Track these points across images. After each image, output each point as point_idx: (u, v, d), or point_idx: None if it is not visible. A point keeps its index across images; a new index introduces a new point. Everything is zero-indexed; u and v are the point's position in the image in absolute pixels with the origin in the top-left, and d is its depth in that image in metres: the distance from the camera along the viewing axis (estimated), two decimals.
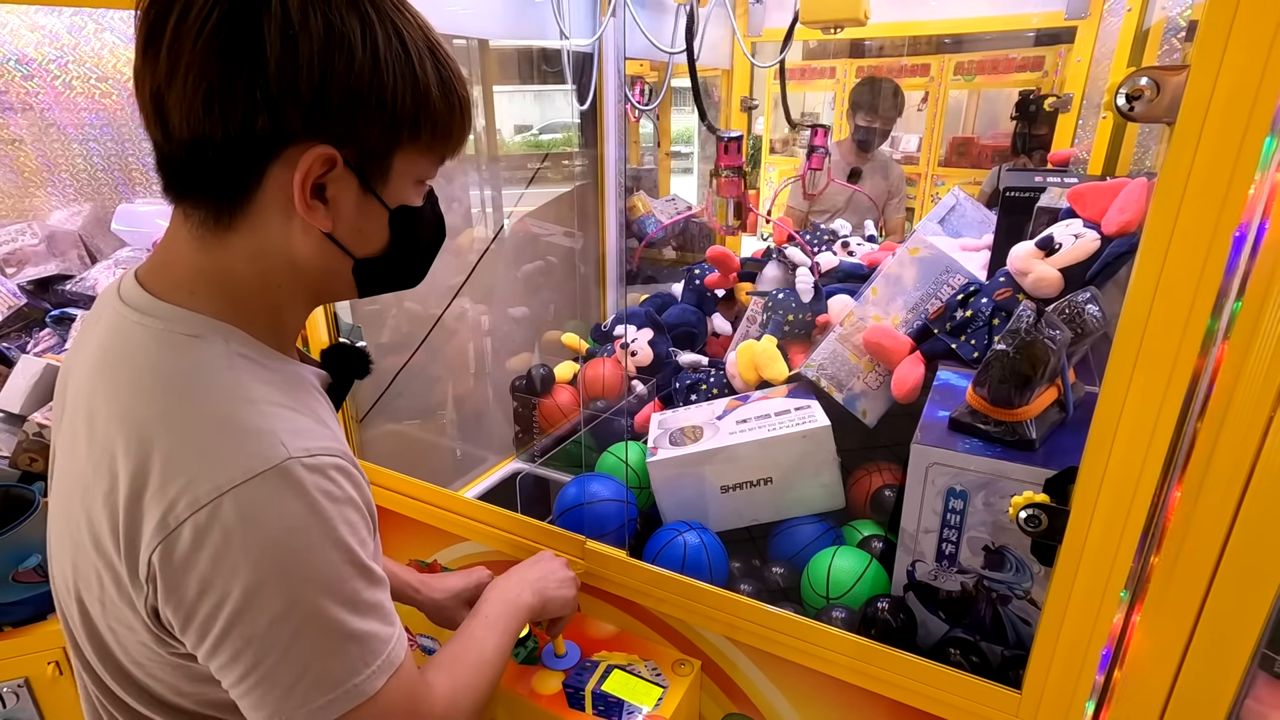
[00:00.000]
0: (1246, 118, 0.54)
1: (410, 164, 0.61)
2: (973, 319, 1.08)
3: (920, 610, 0.97)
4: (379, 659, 0.58)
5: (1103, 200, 1.00)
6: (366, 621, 0.57)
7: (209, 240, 0.58)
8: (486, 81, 1.88)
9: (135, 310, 0.59)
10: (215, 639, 0.53)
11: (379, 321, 1.68)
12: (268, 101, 0.52)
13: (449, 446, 1.87)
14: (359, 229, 0.61)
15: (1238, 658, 0.63)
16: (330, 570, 0.55)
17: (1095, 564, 0.71)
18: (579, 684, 1.01)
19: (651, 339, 1.63)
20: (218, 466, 0.52)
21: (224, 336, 0.58)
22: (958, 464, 0.89)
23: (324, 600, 0.54)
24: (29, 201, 1.59)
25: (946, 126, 4.41)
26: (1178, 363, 0.61)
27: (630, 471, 1.30)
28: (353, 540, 0.57)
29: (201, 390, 0.55)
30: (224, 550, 0.51)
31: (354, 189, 0.58)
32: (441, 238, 0.71)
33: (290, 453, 0.54)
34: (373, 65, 0.54)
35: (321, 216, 0.58)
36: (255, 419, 0.55)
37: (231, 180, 0.56)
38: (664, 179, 2.92)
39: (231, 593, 0.51)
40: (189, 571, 0.51)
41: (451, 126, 0.62)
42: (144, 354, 0.57)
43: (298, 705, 0.54)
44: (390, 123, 0.57)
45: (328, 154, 0.55)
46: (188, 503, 0.51)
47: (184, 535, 0.51)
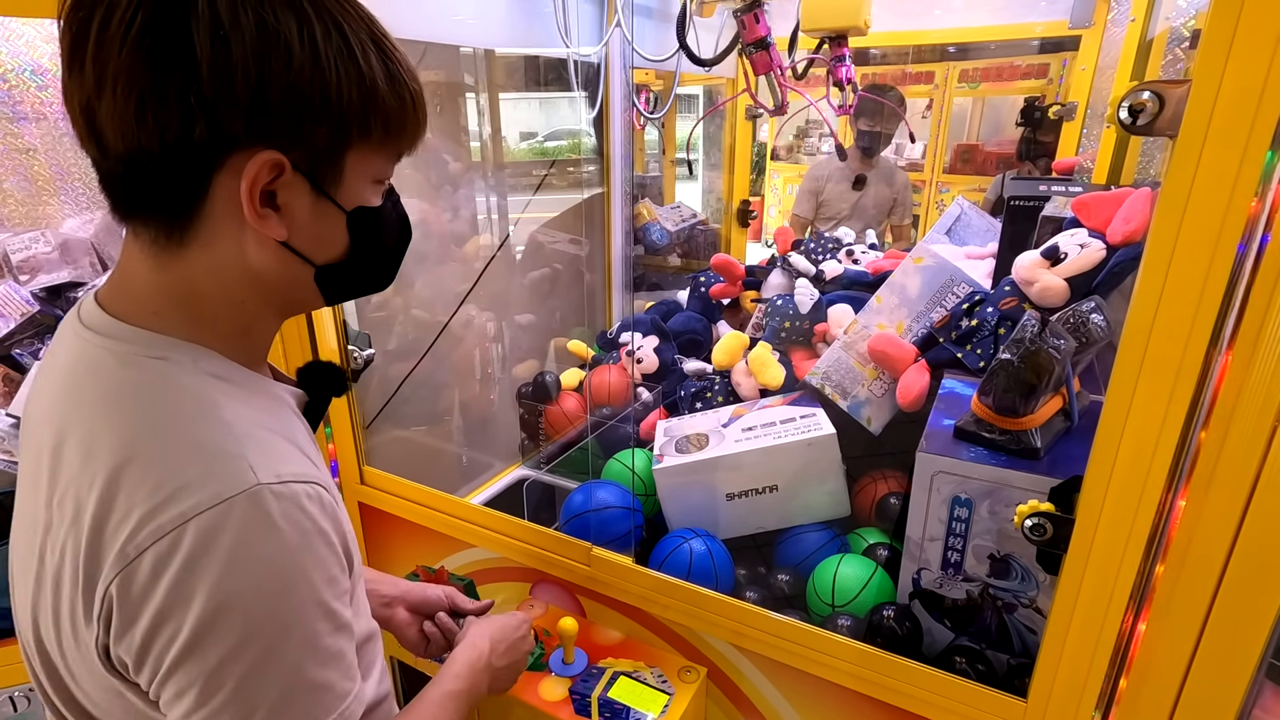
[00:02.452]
0: (1248, 130, 0.54)
1: (364, 163, 0.58)
2: (978, 328, 1.09)
3: (926, 618, 0.97)
4: (331, 714, 0.54)
5: (1107, 210, 1.00)
6: (325, 670, 0.54)
7: (164, 258, 0.55)
8: (492, 88, 1.90)
9: (97, 334, 0.56)
10: (166, 670, 0.50)
11: (386, 328, 1.69)
12: (203, 108, 0.49)
13: (455, 453, 1.87)
14: (316, 235, 0.58)
15: (1244, 666, 0.64)
16: (292, 608, 0.52)
17: (1100, 572, 0.71)
18: (585, 691, 1.02)
19: (657, 346, 1.63)
20: (183, 493, 0.49)
21: (192, 357, 0.56)
22: (963, 472, 0.90)
23: (282, 640, 0.51)
24: (42, 210, 1.60)
25: (951, 133, 4.42)
26: (1182, 371, 0.61)
27: (636, 478, 1.30)
28: (319, 577, 0.53)
29: (168, 414, 0.53)
30: (183, 578, 0.48)
31: (306, 194, 0.55)
32: (407, 237, 0.67)
33: (259, 478, 0.51)
34: (313, 62, 0.51)
35: (275, 225, 0.55)
36: (225, 442, 0.52)
37: (176, 194, 0.53)
38: (669, 186, 2.93)
39: (186, 623, 0.48)
40: (145, 603, 0.48)
41: (404, 121, 0.59)
42: (108, 379, 0.54)
43: None
44: (338, 122, 0.54)
45: (274, 159, 0.52)
46: (150, 531, 0.48)
47: (144, 565, 0.48)
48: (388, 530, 1.38)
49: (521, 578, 1.25)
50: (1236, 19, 0.52)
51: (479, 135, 1.97)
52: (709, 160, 3.28)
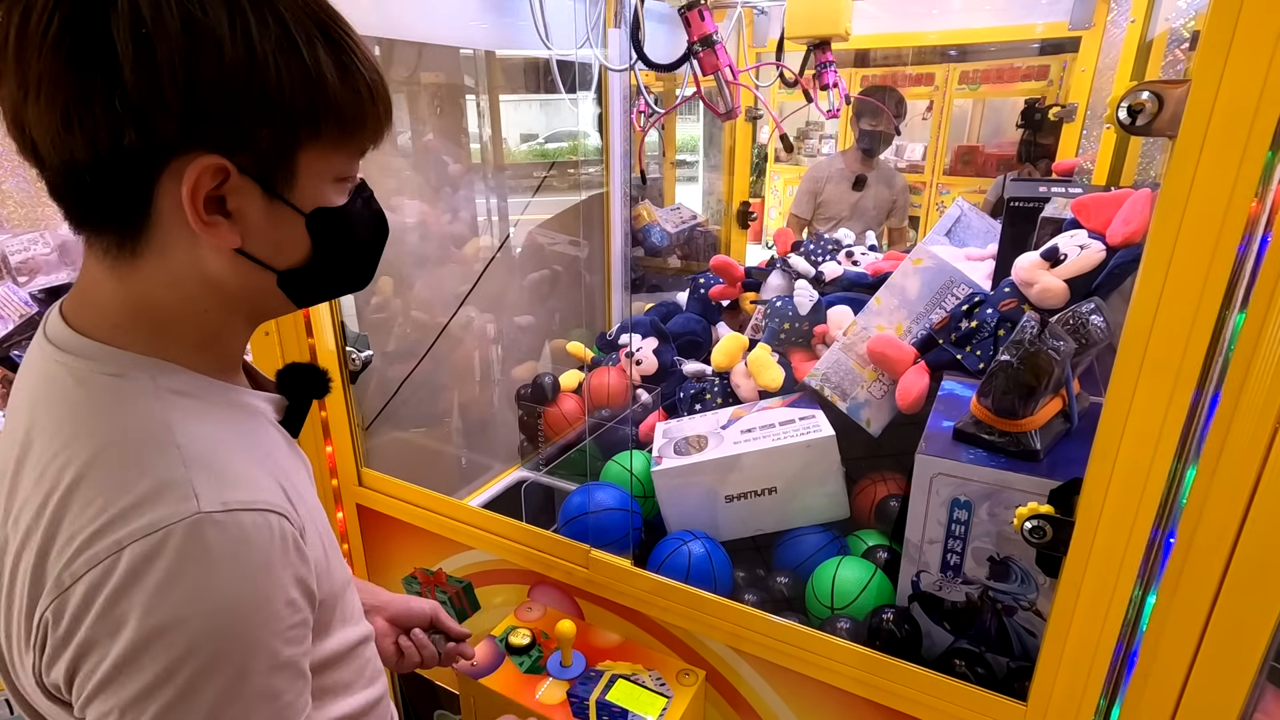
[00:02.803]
0: (1248, 131, 0.54)
1: (320, 162, 0.54)
2: (978, 329, 1.08)
3: (925, 621, 0.96)
4: None
5: (1107, 211, 1.00)
6: (250, 712, 0.50)
7: (121, 269, 0.53)
8: (493, 90, 1.90)
9: (58, 349, 0.54)
10: (87, 696, 0.48)
11: (385, 330, 1.69)
12: (130, 113, 0.46)
13: (454, 455, 1.87)
14: (273, 240, 0.54)
15: (1246, 668, 0.63)
16: (220, 646, 0.48)
17: (1100, 575, 0.71)
18: (584, 694, 1.01)
19: (656, 348, 1.63)
20: (121, 519, 0.47)
21: (150, 374, 0.53)
22: (962, 474, 0.89)
23: (205, 678, 0.48)
24: (41, 211, 1.60)
25: (951, 135, 4.42)
26: (1182, 373, 0.61)
27: (635, 480, 1.30)
28: (256, 614, 0.50)
29: (118, 437, 0.51)
30: (109, 609, 0.46)
31: (258, 198, 0.52)
32: (383, 235, 0.64)
33: (201, 507, 0.48)
34: (248, 58, 0.48)
35: (225, 232, 0.52)
36: (172, 467, 0.50)
37: (120, 204, 0.50)
38: (669, 188, 2.93)
39: (111, 652, 0.46)
40: (75, 631, 0.47)
41: (362, 116, 0.54)
42: (64, 397, 0.53)
43: None
44: (283, 121, 0.50)
45: (214, 164, 0.49)
46: (86, 559, 0.47)
47: (76, 592, 0.47)
48: (386, 532, 1.38)
49: (520, 580, 1.24)
50: (1236, 19, 0.52)
51: (479, 137, 1.97)
52: (709, 162, 3.28)
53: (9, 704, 1.18)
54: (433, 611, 0.93)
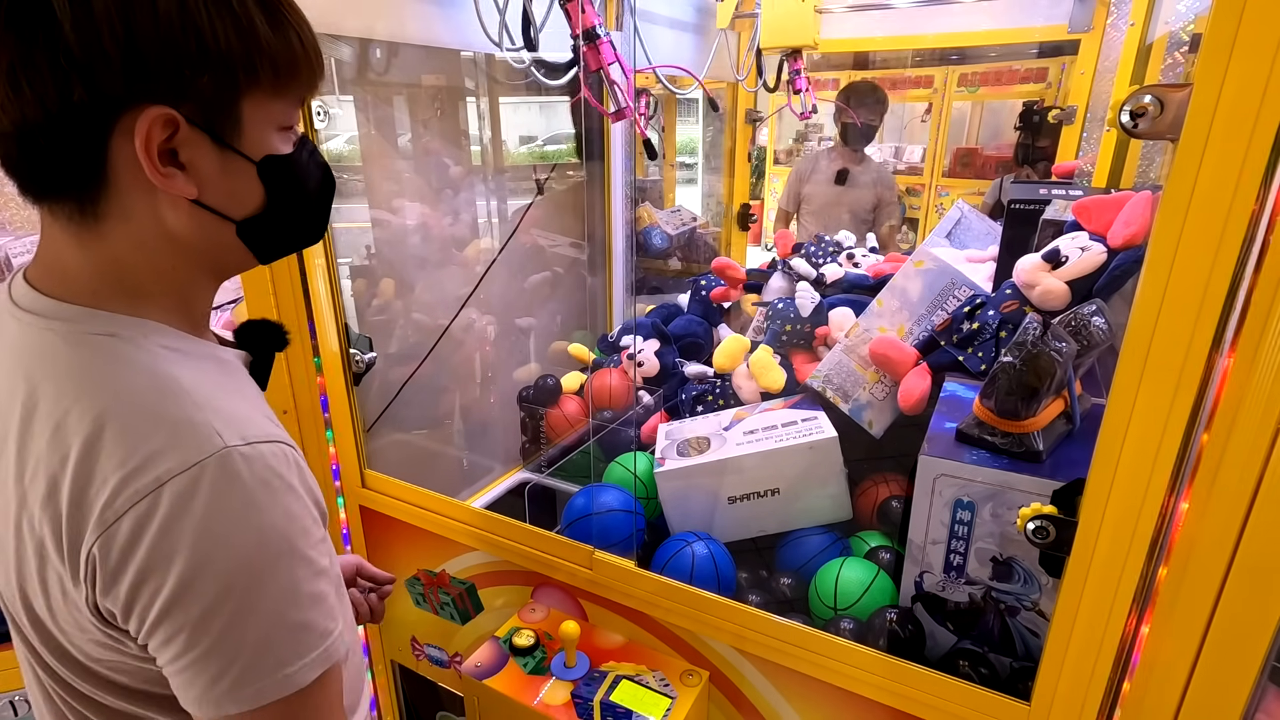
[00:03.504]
0: (1249, 134, 0.54)
1: (262, 110, 0.57)
2: (979, 331, 1.09)
3: (928, 621, 0.97)
4: (314, 651, 0.57)
5: (1108, 213, 1.00)
6: (304, 613, 0.56)
7: (85, 236, 0.56)
8: (493, 92, 1.90)
9: (39, 316, 0.57)
10: (151, 623, 0.53)
11: (387, 332, 1.69)
12: (75, 68, 0.48)
13: (456, 456, 1.87)
14: (228, 189, 0.57)
15: (1247, 670, 0.64)
16: (267, 559, 0.54)
17: (1103, 576, 0.71)
18: (587, 695, 1.02)
19: (658, 350, 1.64)
20: (156, 459, 0.51)
21: (141, 332, 0.57)
22: (965, 475, 0.90)
23: (259, 590, 0.54)
24: None
25: (950, 137, 4.43)
26: (1184, 374, 0.61)
27: (638, 482, 1.30)
28: (292, 529, 0.56)
29: (128, 389, 0.54)
30: (161, 540, 0.51)
31: (209, 148, 0.55)
32: (330, 187, 0.67)
33: (226, 442, 0.53)
34: (180, 10, 0.50)
35: (182, 183, 0.54)
36: (188, 410, 0.54)
37: (76, 166, 0.53)
38: (669, 190, 2.94)
39: (167, 581, 0.51)
40: (128, 562, 0.51)
41: (295, 63, 0.57)
42: (63, 360, 0.55)
43: (225, 692, 0.54)
44: (221, 68, 0.53)
45: (163, 115, 0.51)
46: (128, 496, 0.51)
47: (123, 527, 0.51)
48: (389, 534, 1.38)
49: (523, 581, 1.25)
50: (1238, 22, 0.52)
51: (479, 139, 1.98)
52: (709, 164, 3.29)
53: (13, 706, 1.18)
54: (356, 563, 1.00)
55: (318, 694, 0.57)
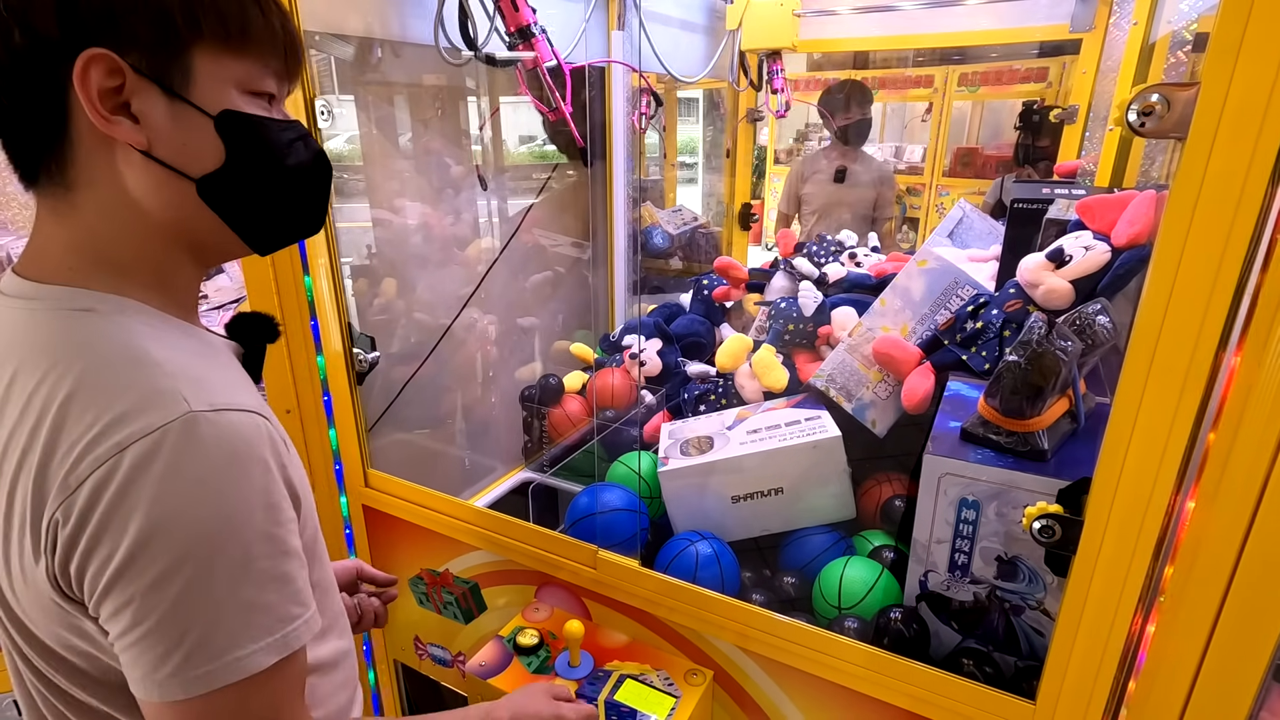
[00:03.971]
0: (1257, 133, 0.54)
1: (218, 66, 0.57)
2: (983, 330, 1.09)
3: (933, 620, 0.97)
4: (270, 636, 0.54)
5: (1111, 212, 1.01)
6: (263, 593, 0.54)
7: (61, 209, 0.57)
8: (493, 92, 1.90)
9: (20, 298, 0.57)
10: (102, 590, 0.51)
11: (389, 331, 1.69)
12: (10, 12, 0.51)
13: (458, 456, 1.87)
14: (181, 142, 0.57)
15: (1254, 669, 0.64)
16: (228, 531, 0.52)
17: (1109, 575, 0.71)
18: (592, 694, 1.02)
19: (660, 349, 1.64)
20: (119, 423, 0.51)
21: (118, 308, 0.57)
22: (970, 474, 0.90)
23: (215, 562, 0.52)
24: None
25: (951, 137, 4.43)
26: (1191, 373, 0.61)
27: (641, 481, 1.30)
28: (256, 502, 0.54)
29: (101, 359, 0.54)
30: (117, 503, 0.50)
31: (159, 98, 0.55)
32: (323, 171, 0.66)
33: (192, 406, 0.52)
34: None
35: (128, 130, 0.54)
36: (157, 379, 0.53)
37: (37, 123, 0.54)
38: (670, 190, 2.94)
39: (121, 544, 0.50)
40: (84, 527, 0.50)
41: (246, 21, 0.57)
42: (37, 333, 0.56)
43: (172, 672, 0.51)
44: (157, 15, 0.53)
45: (100, 55, 0.52)
46: (89, 461, 0.50)
47: (83, 492, 0.50)
48: (392, 533, 1.38)
49: (526, 580, 1.25)
50: (1246, 21, 0.52)
51: (480, 139, 1.98)
52: (709, 164, 3.29)
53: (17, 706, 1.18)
54: (356, 567, 0.99)
55: (273, 682, 0.55)
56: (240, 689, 0.53)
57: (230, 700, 0.53)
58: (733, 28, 2.14)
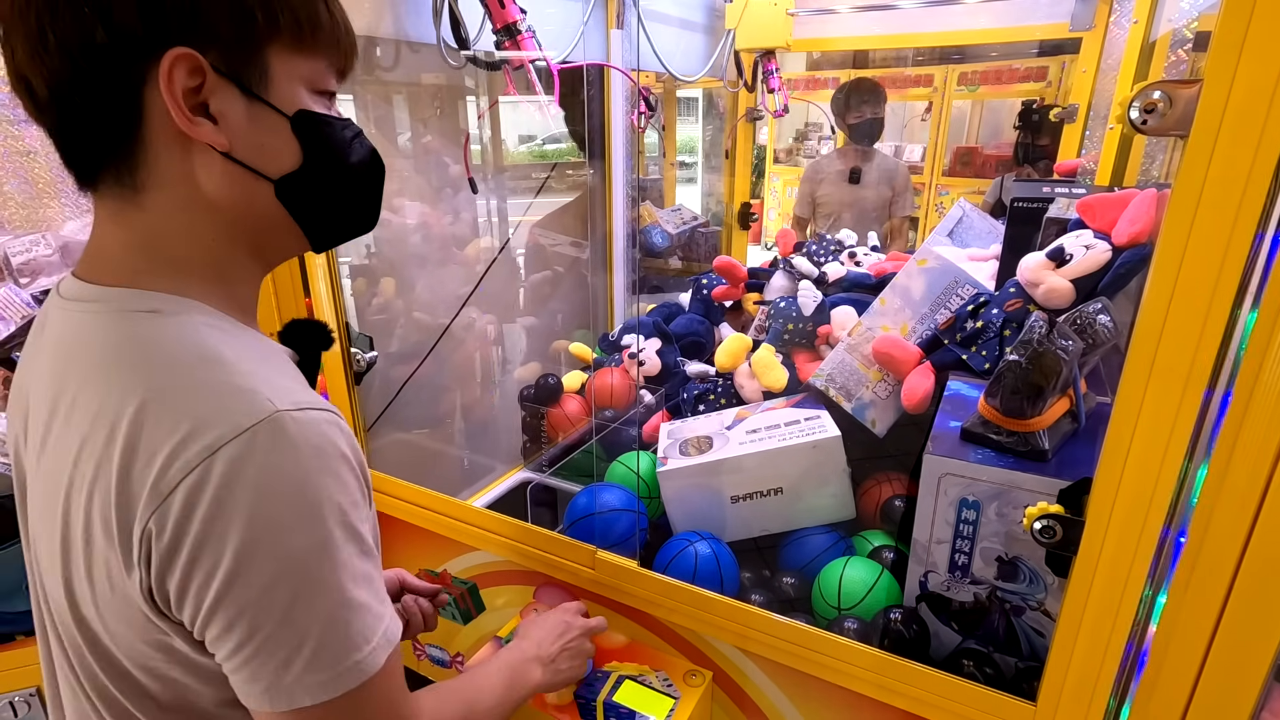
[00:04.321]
0: (1260, 130, 0.54)
1: (290, 65, 0.57)
2: (983, 330, 1.08)
3: (933, 621, 0.96)
4: (377, 634, 0.55)
5: (1112, 211, 1.00)
6: (361, 590, 0.54)
7: (127, 211, 0.56)
8: (492, 91, 1.90)
9: (80, 301, 0.56)
10: (210, 605, 0.50)
11: (388, 331, 1.69)
12: (95, 9, 0.49)
13: (457, 456, 1.87)
14: (259, 143, 0.56)
15: (1256, 669, 0.63)
16: (325, 530, 0.52)
17: (1111, 575, 0.71)
18: (590, 695, 1.01)
19: (659, 349, 1.63)
20: (206, 427, 0.49)
21: (183, 308, 0.56)
22: (970, 474, 0.89)
23: (320, 562, 0.52)
24: (42, 213, 1.60)
25: (950, 136, 4.43)
26: (1193, 373, 0.61)
27: (640, 481, 1.30)
28: (345, 500, 0.54)
29: (173, 361, 0.53)
30: (216, 511, 0.49)
31: (238, 98, 0.54)
32: (379, 170, 0.66)
33: (277, 406, 0.51)
34: None
35: (210, 132, 0.54)
36: (236, 379, 0.52)
37: (111, 124, 0.53)
38: (669, 189, 2.94)
39: (224, 555, 0.49)
40: (183, 537, 0.49)
41: (317, 18, 0.57)
42: (104, 338, 0.54)
43: (296, 679, 0.51)
44: (239, 12, 0.53)
45: (186, 54, 0.51)
46: (179, 467, 0.49)
47: (176, 500, 0.49)
48: (390, 533, 1.37)
49: (525, 581, 1.24)
50: (1249, 17, 0.52)
51: (479, 138, 1.97)
52: (709, 163, 3.28)
53: (13, 707, 1.17)
54: (399, 578, 0.98)
55: (387, 679, 0.55)
56: (362, 690, 0.53)
57: (354, 702, 0.53)
58: (732, 26, 2.14)
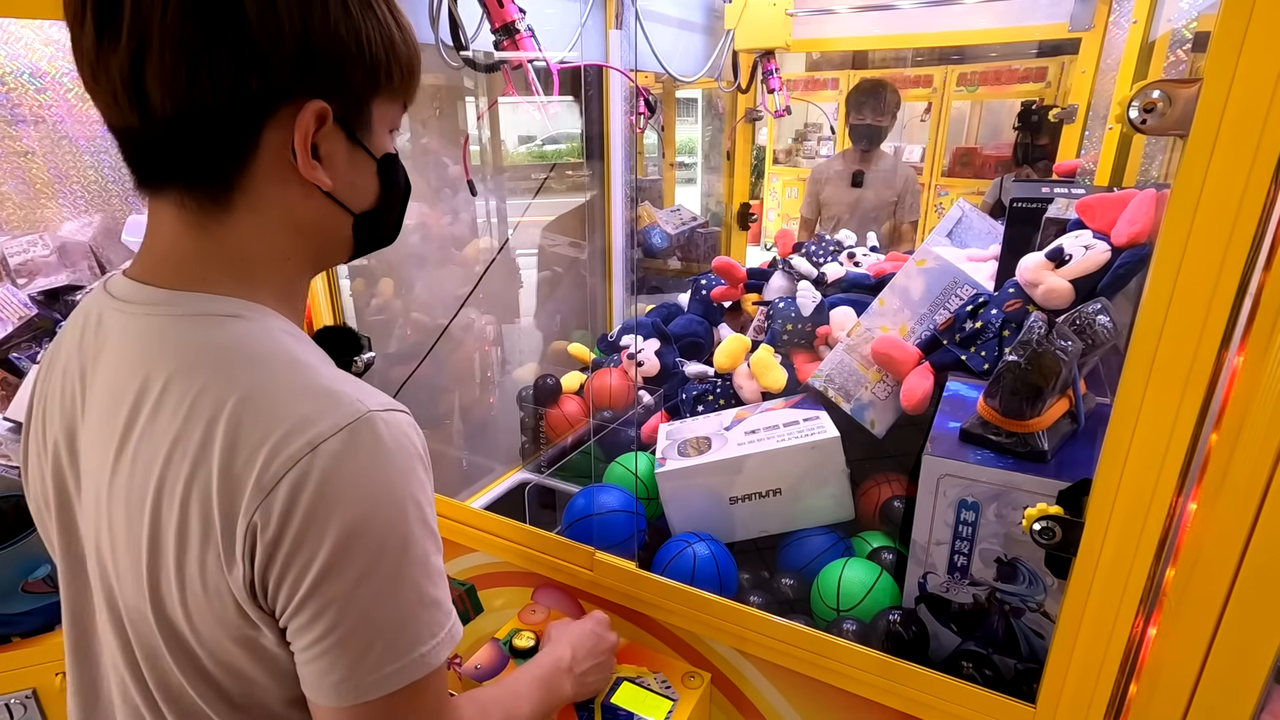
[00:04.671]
0: (1260, 129, 0.54)
1: (384, 111, 0.62)
2: (982, 330, 1.08)
3: (932, 622, 0.96)
4: (444, 630, 0.57)
5: (1112, 211, 1.00)
6: (435, 588, 0.57)
7: (208, 224, 0.57)
8: (491, 92, 1.90)
9: (151, 304, 0.57)
10: (302, 597, 0.52)
11: (386, 331, 1.69)
12: (256, 61, 0.52)
13: (455, 456, 1.87)
14: (352, 183, 0.61)
15: (1257, 672, 0.63)
16: (409, 527, 0.55)
17: (1110, 576, 0.70)
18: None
19: (658, 349, 1.63)
20: (306, 424, 0.52)
21: (263, 315, 0.58)
22: (969, 475, 0.89)
23: (404, 560, 0.54)
24: (40, 213, 1.60)
25: (950, 137, 4.43)
26: (1192, 373, 0.61)
27: (639, 482, 1.29)
28: (423, 498, 0.57)
29: (264, 364, 0.55)
30: (318, 502, 0.51)
31: (343, 143, 0.59)
32: (409, 190, 0.71)
33: (370, 407, 0.54)
34: (345, 13, 0.55)
35: (323, 175, 0.58)
36: (326, 381, 0.55)
37: (226, 152, 0.55)
38: (669, 190, 2.94)
39: (323, 547, 0.51)
40: (287, 527, 0.51)
41: (414, 69, 0.62)
42: (189, 339, 0.56)
43: (369, 670, 0.54)
44: (369, 69, 0.57)
45: (321, 108, 0.55)
46: (283, 461, 0.51)
47: (281, 492, 0.51)
48: None
49: (523, 582, 1.24)
50: (1249, 17, 0.52)
51: (478, 139, 1.97)
52: (708, 164, 3.28)
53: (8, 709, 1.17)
54: None
55: (440, 676, 0.58)
56: (422, 685, 0.56)
57: (413, 696, 0.56)
58: (731, 26, 2.14)
